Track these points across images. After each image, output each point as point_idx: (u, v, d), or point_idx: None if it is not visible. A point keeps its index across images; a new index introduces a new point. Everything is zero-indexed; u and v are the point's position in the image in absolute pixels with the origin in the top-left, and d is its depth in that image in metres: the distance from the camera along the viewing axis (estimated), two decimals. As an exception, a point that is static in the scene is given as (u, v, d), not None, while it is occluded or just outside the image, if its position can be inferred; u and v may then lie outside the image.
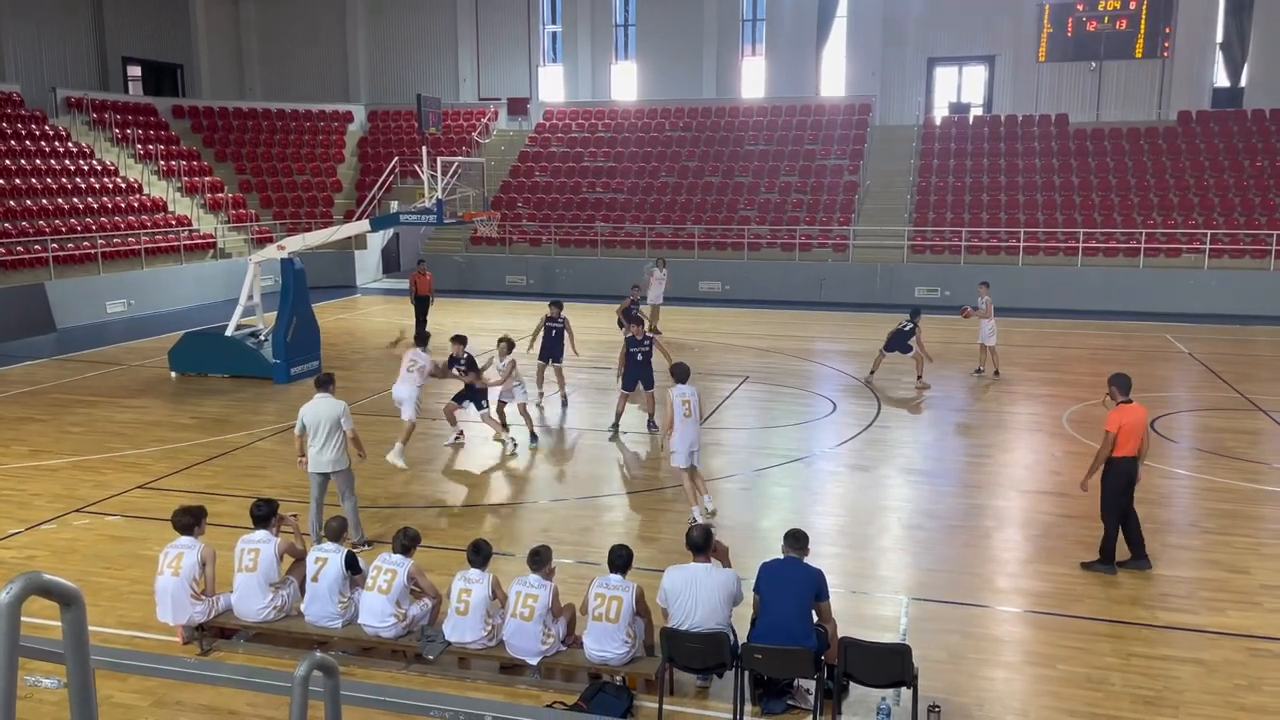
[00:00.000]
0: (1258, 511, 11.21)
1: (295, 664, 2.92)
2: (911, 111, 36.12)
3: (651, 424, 14.47)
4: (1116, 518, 9.27)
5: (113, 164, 30.44)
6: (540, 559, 7.34)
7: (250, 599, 7.71)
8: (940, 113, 36.55)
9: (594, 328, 21.12)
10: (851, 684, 6.85)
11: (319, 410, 9.68)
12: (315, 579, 7.63)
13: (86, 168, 29.36)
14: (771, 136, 34.20)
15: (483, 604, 7.28)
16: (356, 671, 7.46)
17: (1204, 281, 26.57)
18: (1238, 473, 12.44)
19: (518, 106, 38.33)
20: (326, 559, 7.66)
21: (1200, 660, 7.62)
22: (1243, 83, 34.13)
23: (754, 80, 39.11)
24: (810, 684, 6.85)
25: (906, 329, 17.48)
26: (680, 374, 10.97)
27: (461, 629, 7.32)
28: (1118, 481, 9.21)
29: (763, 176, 32.58)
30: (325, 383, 10.02)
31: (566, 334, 16.01)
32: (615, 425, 14.30)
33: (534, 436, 13.82)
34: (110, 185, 29.32)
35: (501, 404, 13.85)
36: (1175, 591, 8.89)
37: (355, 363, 19.18)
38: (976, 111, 36.47)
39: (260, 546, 7.77)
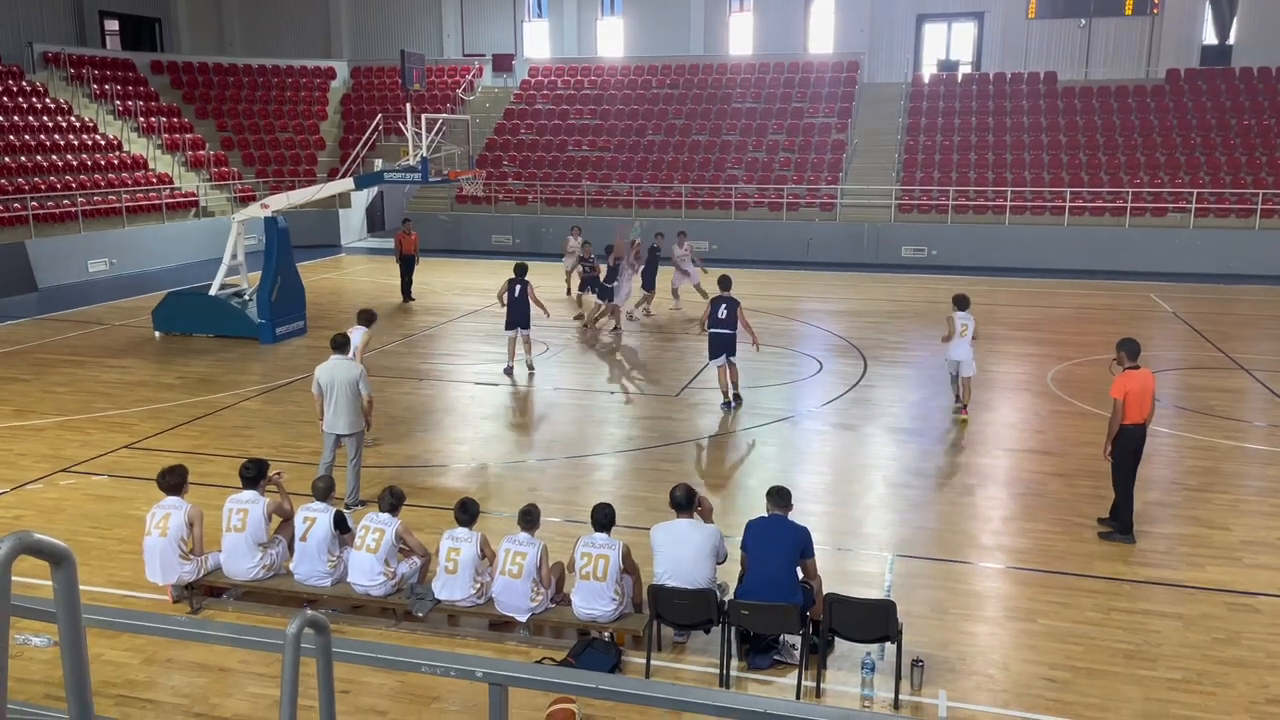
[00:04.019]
0: (1238, 469, 11.36)
1: (285, 622, 2.94)
2: (900, 69, 35.85)
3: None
4: (1127, 484, 9.18)
5: (91, 120, 29.99)
6: (531, 518, 7.38)
7: (239, 559, 7.73)
8: (929, 70, 36.30)
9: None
10: (836, 639, 6.96)
11: (335, 371, 9.63)
12: (304, 538, 7.65)
13: (65, 124, 28.91)
14: (759, 94, 33.93)
15: (471, 562, 7.33)
16: (346, 629, 7.51)
17: (1189, 241, 26.66)
18: (1219, 431, 12.57)
19: (503, 63, 37.87)
20: (315, 518, 7.67)
21: (1179, 615, 7.75)
22: (1231, 40, 34.02)
23: (742, 37, 38.71)
24: (796, 639, 6.94)
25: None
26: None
27: (451, 587, 7.36)
28: (1126, 447, 9.09)
29: (750, 135, 32.36)
30: (341, 344, 9.94)
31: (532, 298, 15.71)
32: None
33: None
34: (89, 142, 28.90)
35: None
36: (1156, 548, 9.02)
37: (342, 323, 19.04)
38: (965, 69, 36.24)
39: (249, 507, 7.77)
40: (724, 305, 13.44)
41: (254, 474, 7.98)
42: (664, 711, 6.25)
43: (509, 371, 15.37)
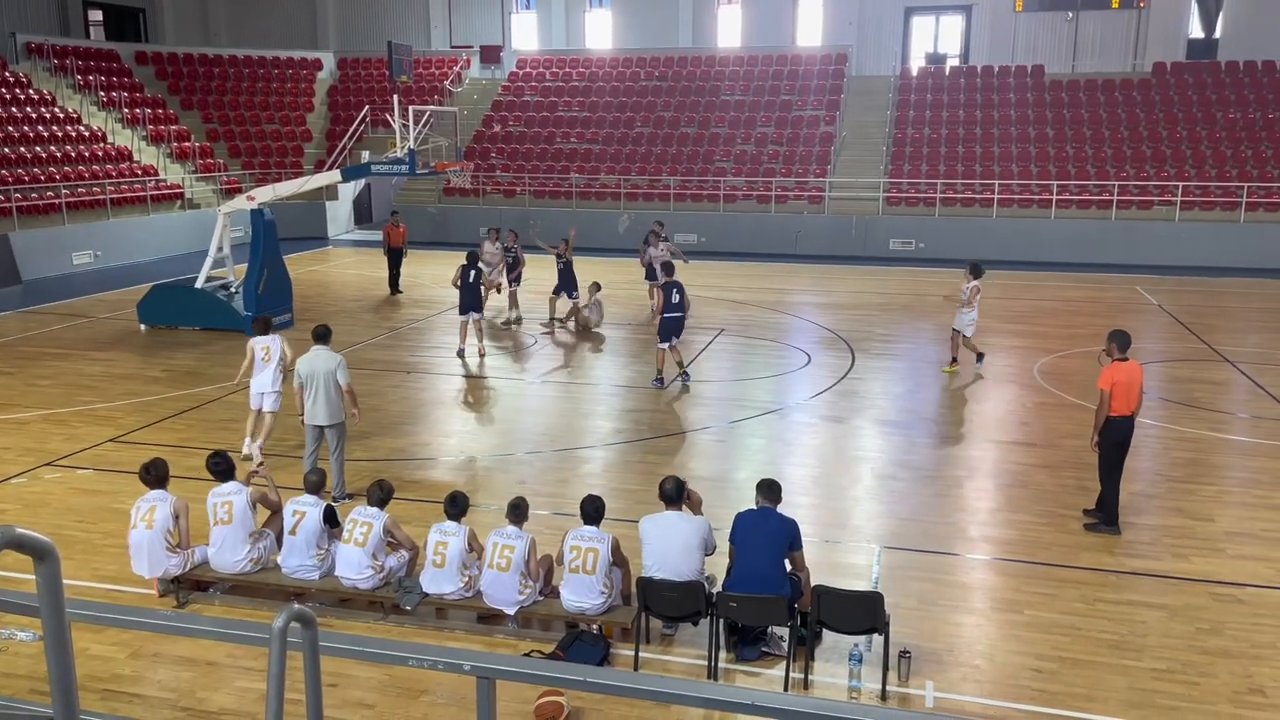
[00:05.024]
0: (1222, 460, 11.44)
1: (272, 616, 2.92)
2: (888, 62, 35.89)
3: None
4: (1114, 476, 9.23)
5: (75, 112, 29.74)
6: (519, 511, 7.37)
7: (228, 551, 7.70)
8: (917, 63, 36.34)
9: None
10: (824, 631, 6.97)
11: (315, 363, 9.60)
12: (293, 532, 7.62)
13: (49, 115, 28.67)
14: (748, 87, 33.91)
15: (459, 556, 7.32)
16: (334, 623, 7.49)
17: (1175, 234, 26.79)
18: (1203, 422, 12.65)
19: (490, 55, 37.74)
20: (305, 512, 7.64)
21: (1164, 605, 7.80)
22: (1217, 34, 34.17)
23: (730, 29, 38.67)
24: (784, 631, 6.96)
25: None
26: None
27: (439, 581, 7.35)
28: (1113, 439, 9.11)
29: (739, 127, 32.34)
30: (322, 335, 9.89)
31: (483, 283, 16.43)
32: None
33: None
34: (74, 134, 28.67)
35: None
36: (1141, 539, 9.08)
37: (329, 315, 19.00)
38: (953, 62, 36.30)
39: (232, 498, 7.74)
40: (676, 290, 14.06)
41: (224, 466, 7.94)
42: (652, 704, 6.26)
43: (461, 354, 15.95)
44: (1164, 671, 6.85)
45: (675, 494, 7.20)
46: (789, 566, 7.00)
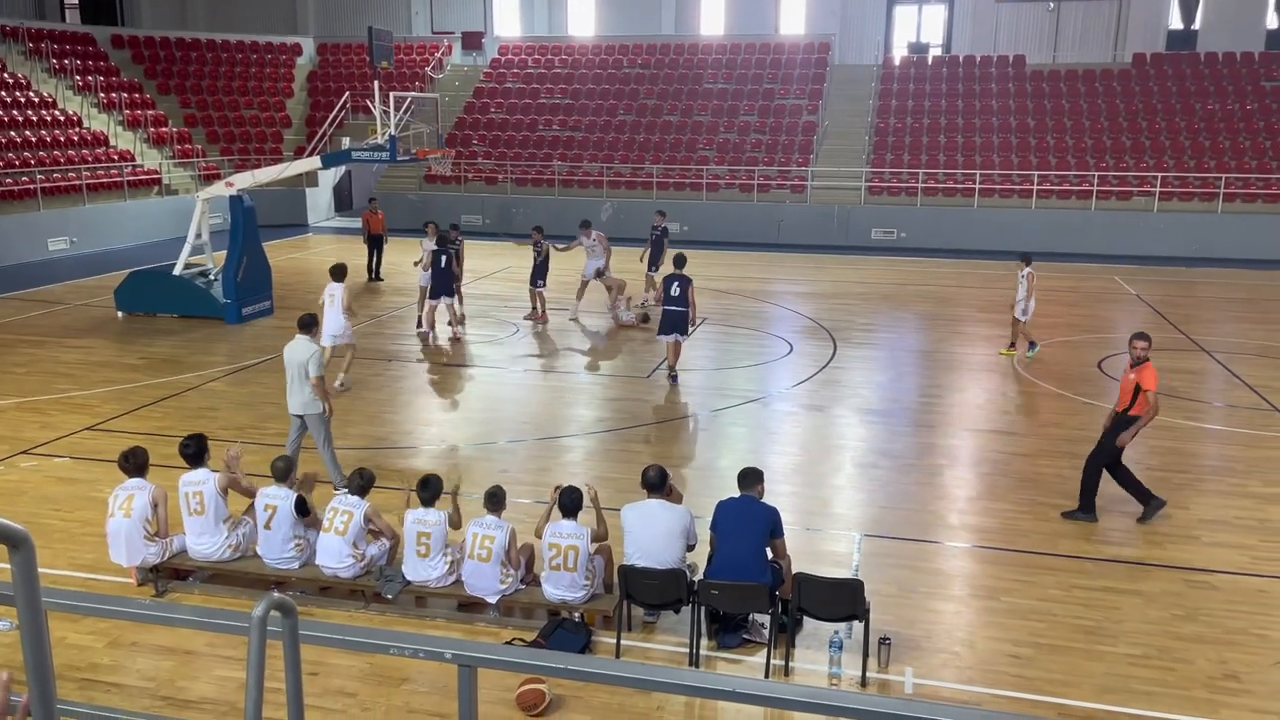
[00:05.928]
0: (1198, 449, 11.55)
1: (252, 604, 2.91)
2: (871, 51, 35.92)
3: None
4: (1101, 468, 9.31)
5: (50, 96, 29.36)
6: (497, 500, 7.35)
7: (205, 539, 7.65)
8: (899, 53, 36.40)
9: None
10: (805, 618, 7.01)
11: (293, 352, 9.52)
12: (268, 526, 7.56)
13: (23, 100, 28.29)
14: (731, 75, 33.86)
15: (441, 542, 7.30)
16: (315, 611, 7.47)
17: (1153, 224, 26.99)
18: (1180, 411, 12.77)
19: (472, 41, 37.50)
20: (276, 506, 7.52)
21: (1139, 591, 7.89)
22: (1196, 25, 34.38)
23: (713, 17, 38.59)
24: (765, 619, 6.99)
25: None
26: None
27: (420, 569, 7.34)
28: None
29: (721, 116, 32.31)
30: (306, 324, 9.73)
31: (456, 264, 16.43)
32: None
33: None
34: (49, 118, 28.30)
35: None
36: (1117, 526, 9.16)
37: (309, 303, 18.81)
38: (935, 52, 36.38)
39: (202, 488, 7.65)
40: (676, 283, 13.83)
41: (194, 450, 7.85)
42: (634, 691, 6.28)
43: (425, 338, 16.29)
44: (1140, 657, 6.92)
45: (658, 481, 7.20)
46: (770, 554, 7.03)
